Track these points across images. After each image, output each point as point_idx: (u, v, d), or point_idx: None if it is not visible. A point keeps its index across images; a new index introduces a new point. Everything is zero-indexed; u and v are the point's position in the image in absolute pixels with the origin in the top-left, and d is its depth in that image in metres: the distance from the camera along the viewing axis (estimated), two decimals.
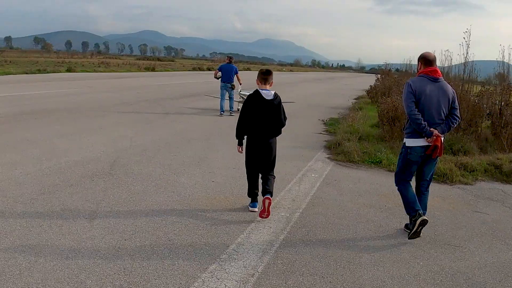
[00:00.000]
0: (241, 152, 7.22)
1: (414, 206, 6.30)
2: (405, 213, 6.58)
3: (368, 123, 17.26)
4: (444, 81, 6.42)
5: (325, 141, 14.22)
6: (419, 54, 6.57)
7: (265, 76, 6.92)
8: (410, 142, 6.34)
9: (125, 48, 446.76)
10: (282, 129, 7.11)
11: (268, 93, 6.83)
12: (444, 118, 6.27)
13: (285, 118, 7.02)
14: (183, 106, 21.60)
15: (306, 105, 26.06)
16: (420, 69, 6.46)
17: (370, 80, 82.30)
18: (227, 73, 19.45)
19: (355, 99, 33.12)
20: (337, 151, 12.31)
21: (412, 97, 6.14)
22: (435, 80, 6.24)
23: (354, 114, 18.87)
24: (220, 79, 19.63)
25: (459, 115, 6.39)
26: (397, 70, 46.13)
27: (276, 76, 9.66)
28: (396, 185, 6.61)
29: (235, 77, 19.58)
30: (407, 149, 6.40)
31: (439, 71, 6.41)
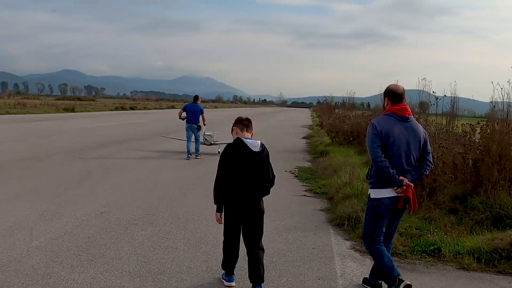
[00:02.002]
0: (221, 222, 5.61)
1: (392, 272, 5.27)
2: None
3: (362, 175, 12.83)
4: (415, 121, 5.57)
5: (321, 210, 9.80)
6: (385, 88, 5.59)
7: (247, 123, 5.63)
8: (375, 193, 5.42)
9: (45, 88, 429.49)
10: None
11: (254, 143, 5.42)
12: (414, 164, 5.43)
13: (273, 175, 5.56)
14: (115, 156, 16.58)
15: None
16: (386, 105, 5.50)
17: (302, 115, 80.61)
18: (192, 113, 17.59)
19: (303, 137, 29.23)
20: (358, 232, 7.80)
21: (377, 140, 5.25)
22: (405, 120, 5.38)
23: (348, 166, 14.34)
24: (185, 120, 17.72)
25: (431, 161, 5.59)
26: (337, 103, 42.58)
27: None
28: (367, 248, 5.62)
29: (200, 118, 17.69)
30: (373, 202, 5.43)
31: (409, 109, 5.50)
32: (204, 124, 18.34)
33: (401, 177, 5.27)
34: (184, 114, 17.89)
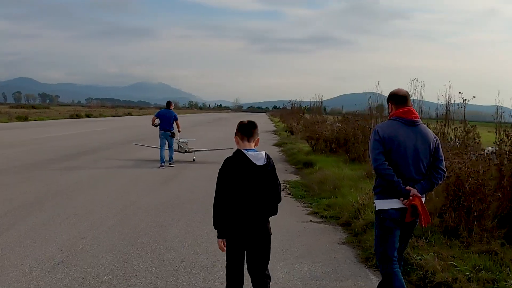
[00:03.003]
0: (224, 250, 4.52)
1: None
2: None
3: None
4: (423, 125, 4.98)
5: (343, 243, 7.67)
6: (389, 94, 5.06)
7: (250, 130, 4.48)
8: (380, 204, 4.78)
9: None
10: None
11: (257, 156, 4.39)
12: (424, 173, 4.77)
13: (280, 188, 4.56)
14: (81, 169, 13.79)
15: None
16: (391, 111, 4.98)
17: (261, 120, 78.50)
18: (166, 120, 16.59)
19: (275, 145, 27.06)
20: (411, 277, 5.88)
21: (379, 146, 4.69)
22: (411, 123, 4.80)
23: (348, 180, 12.15)
24: (158, 126, 16.70)
25: (444, 169, 4.92)
26: (306, 107, 40.61)
27: None
28: (381, 270, 4.84)
29: (174, 124, 16.75)
30: (379, 214, 4.79)
31: (415, 112, 4.91)
32: (179, 131, 17.43)
33: (408, 187, 4.64)
34: (157, 121, 16.79)
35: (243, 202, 4.38)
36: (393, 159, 4.69)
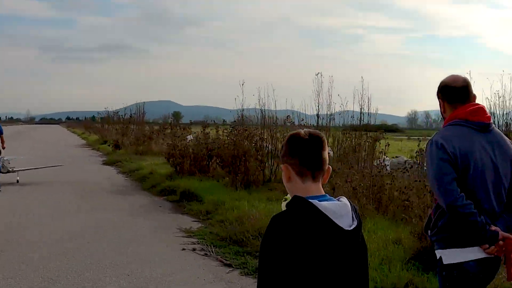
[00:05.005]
0: None
1: None
2: None
3: None
4: (497, 129, 3.36)
5: None
6: (438, 85, 3.36)
7: (318, 155, 2.04)
8: (451, 256, 3.12)
9: None
10: None
11: (340, 210, 1.98)
12: (504, 201, 3.18)
13: None
14: None
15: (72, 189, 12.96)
16: (444, 111, 3.34)
17: (59, 132, 69.94)
18: None
19: (105, 163, 20.87)
20: None
21: (450, 169, 3.04)
22: (485, 128, 3.17)
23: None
24: None
25: None
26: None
27: None
28: None
29: None
30: (450, 271, 3.12)
31: (486, 110, 3.27)
32: (4, 148, 14.43)
33: (493, 227, 3.01)
34: None
35: None
36: (469, 186, 3.02)
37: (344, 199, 2.04)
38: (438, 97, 3.38)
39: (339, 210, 1.97)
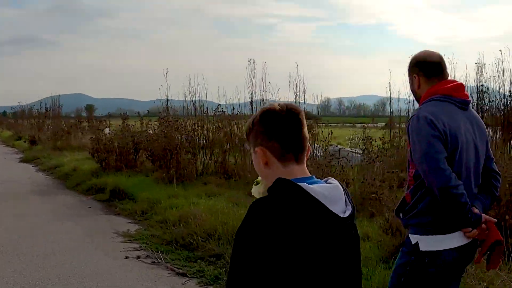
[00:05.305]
0: None
1: None
2: None
3: None
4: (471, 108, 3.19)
5: None
6: (411, 61, 3.20)
7: (299, 132, 1.72)
8: (431, 243, 2.88)
9: None
10: None
11: (332, 192, 1.66)
12: (480, 183, 3.04)
13: None
14: None
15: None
16: (419, 87, 3.14)
17: None
18: None
19: (24, 161, 19.33)
20: None
21: (441, 148, 2.82)
22: (466, 104, 3.06)
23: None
24: None
25: (498, 171, 3.18)
26: None
27: None
28: None
29: None
30: (419, 256, 2.90)
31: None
32: None
33: (475, 209, 2.85)
34: None
35: None
36: (454, 168, 2.82)
37: (334, 181, 1.74)
38: (412, 73, 3.20)
39: (331, 194, 1.66)
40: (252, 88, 12.43)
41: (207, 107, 13.49)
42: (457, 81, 3.19)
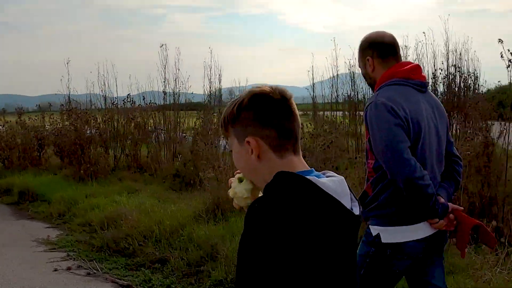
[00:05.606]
0: None
1: None
2: None
3: None
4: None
5: None
6: (363, 43, 3.00)
7: (290, 117, 1.51)
8: (392, 234, 2.73)
9: None
10: None
11: (340, 187, 1.46)
12: (443, 169, 2.90)
13: None
14: None
15: None
16: (373, 70, 2.94)
17: None
18: None
19: None
20: None
21: (404, 136, 2.66)
22: (424, 86, 2.89)
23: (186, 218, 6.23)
24: None
25: (459, 155, 3.04)
26: None
27: None
28: None
29: None
30: (380, 248, 2.76)
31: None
32: None
33: (441, 199, 2.69)
34: None
35: None
36: (418, 157, 2.65)
37: (335, 174, 1.54)
38: (365, 55, 2.99)
39: (339, 188, 1.47)
40: (165, 76, 12.10)
41: (116, 97, 12.84)
42: (412, 62, 2.99)
